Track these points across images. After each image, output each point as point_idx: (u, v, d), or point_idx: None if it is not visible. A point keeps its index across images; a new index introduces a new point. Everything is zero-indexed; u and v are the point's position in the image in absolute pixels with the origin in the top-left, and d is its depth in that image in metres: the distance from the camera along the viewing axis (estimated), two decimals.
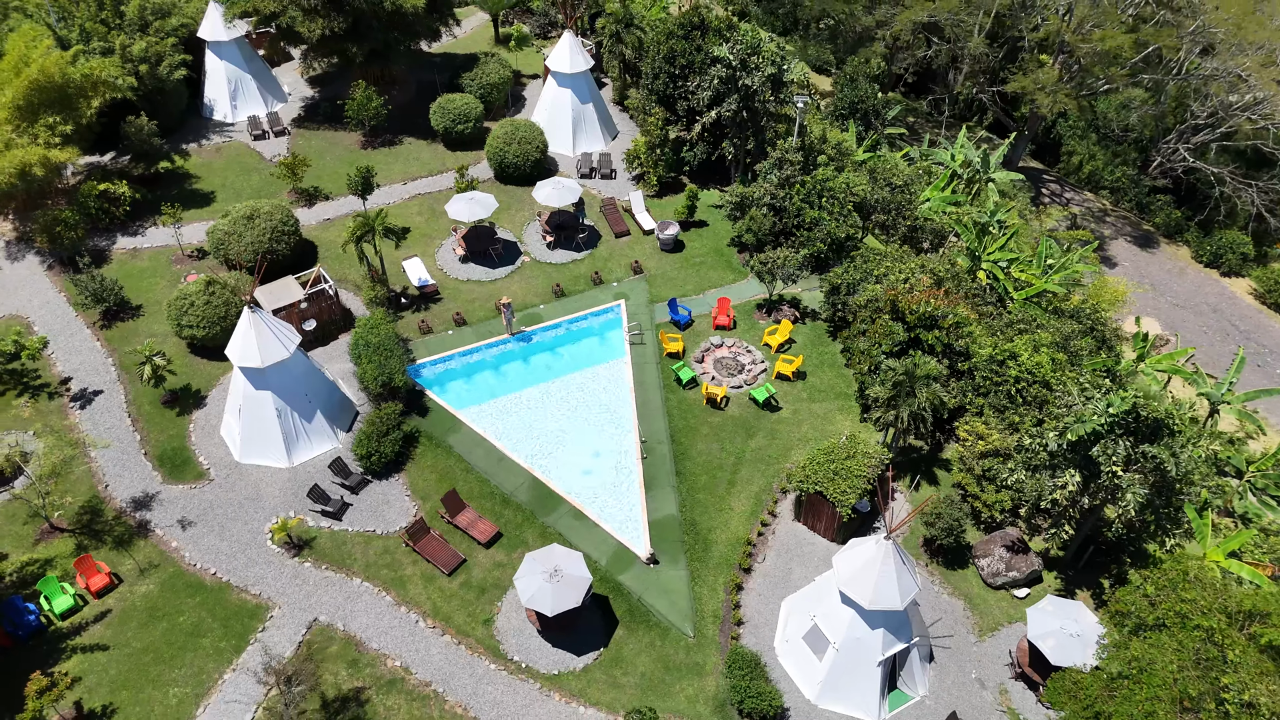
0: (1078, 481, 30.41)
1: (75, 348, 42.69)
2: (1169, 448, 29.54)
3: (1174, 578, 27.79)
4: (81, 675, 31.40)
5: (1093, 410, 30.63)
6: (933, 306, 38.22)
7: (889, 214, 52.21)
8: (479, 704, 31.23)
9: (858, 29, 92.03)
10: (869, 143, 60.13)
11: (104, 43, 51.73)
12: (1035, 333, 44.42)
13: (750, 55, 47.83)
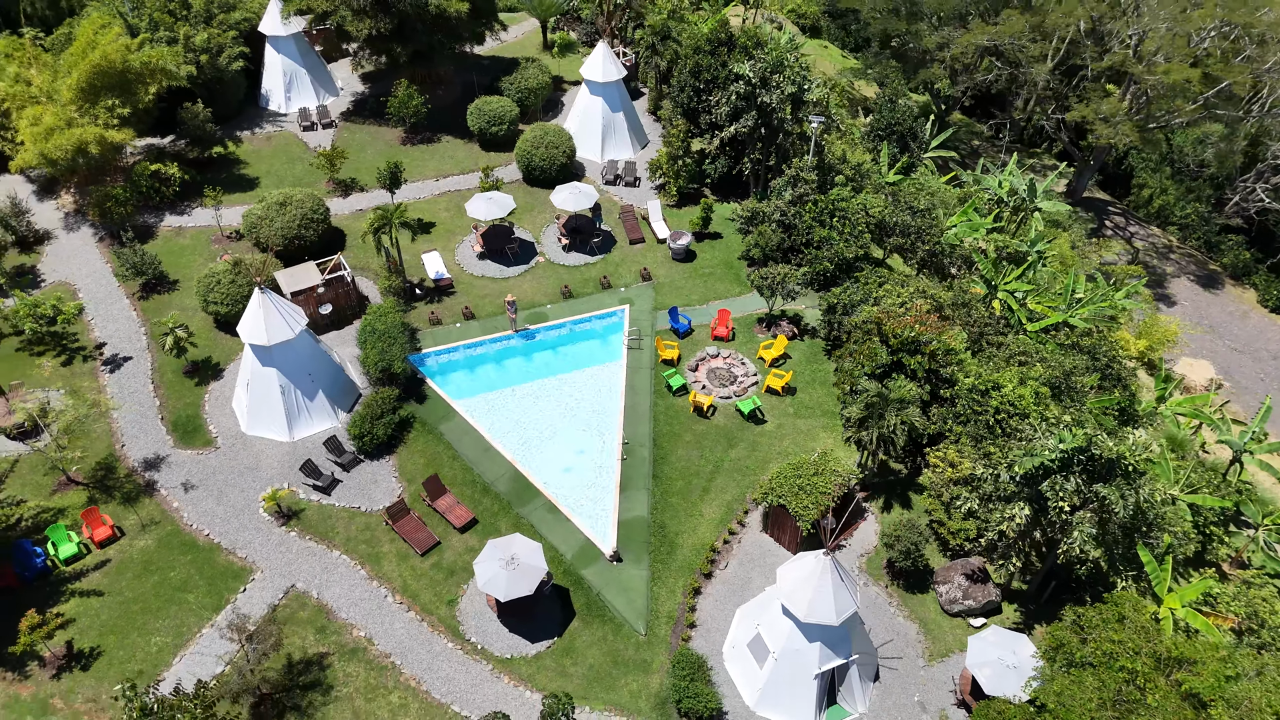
0: (1026, 515, 30.49)
1: (113, 316, 45.85)
2: (1119, 489, 29.42)
3: (1107, 617, 27.78)
4: (76, 618, 34.00)
5: (1043, 445, 30.67)
6: (916, 332, 38.47)
7: (908, 237, 52.32)
8: (432, 679, 32.84)
9: (920, 49, 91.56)
10: (901, 165, 60.12)
11: (169, 32, 55.22)
12: (1034, 365, 44.20)
13: (772, 73, 48.55)
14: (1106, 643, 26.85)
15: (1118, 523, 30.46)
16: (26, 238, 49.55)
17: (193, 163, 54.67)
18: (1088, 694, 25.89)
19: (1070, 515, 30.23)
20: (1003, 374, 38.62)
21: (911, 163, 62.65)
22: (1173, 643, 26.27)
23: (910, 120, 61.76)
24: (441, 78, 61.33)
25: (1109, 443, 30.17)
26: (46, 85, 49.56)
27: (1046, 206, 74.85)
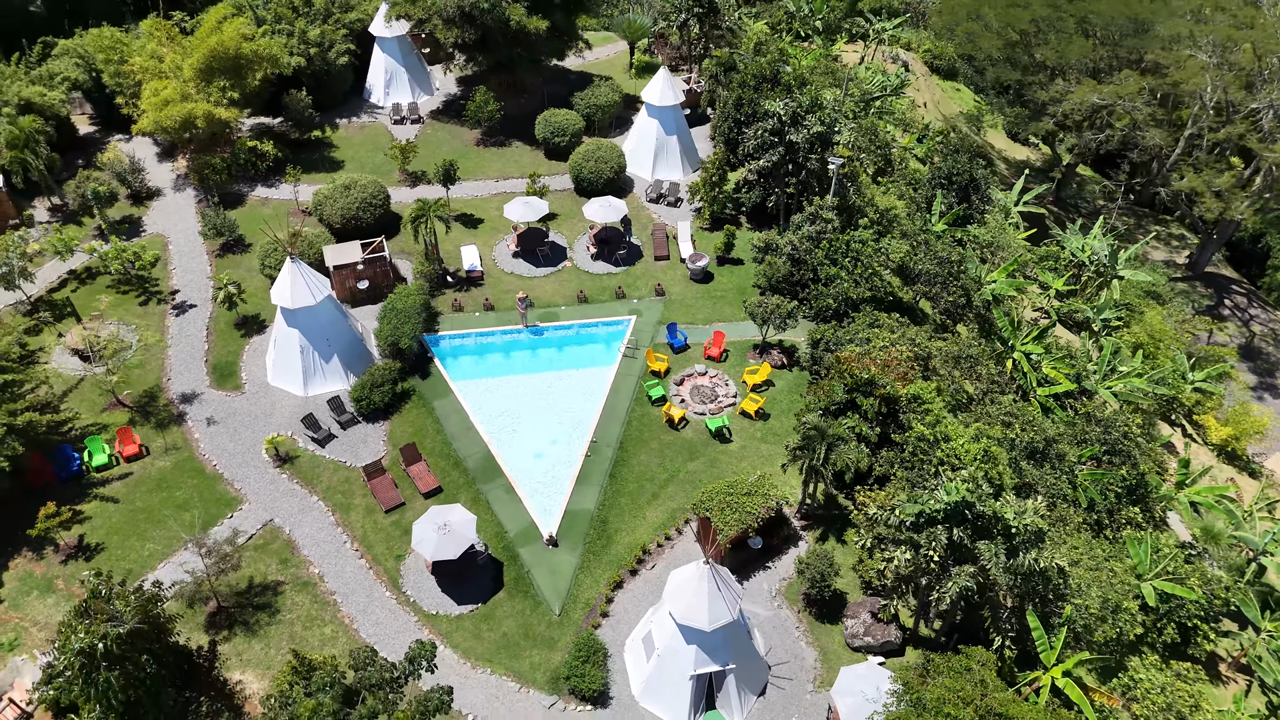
0: (906, 559, 31.44)
1: (191, 269, 52.48)
2: (993, 549, 30.00)
3: (955, 666, 28.63)
4: (92, 516, 39.93)
5: (930, 495, 31.53)
6: (871, 374, 39.57)
7: (932, 285, 52.83)
8: (364, 621, 36.81)
9: (1036, 101, 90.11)
10: (953, 215, 60.18)
11: (289, 26, 62.18)
12: (1013, 427, 44.20)
13: (807, 113, 50.27)
14: (940, 689, 27.78)
15: (1006, 584, 30.89)
16: (139, 192, 57.18)
17: (292, 143, 61.41)
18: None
19: (945, 566, 30.99)
20: (955, 427, 39.16)
21: (969, 214, 62.44)
22: (998, 700, 26.96)
23: (970, 170, 61.59)
24: (524, 87, 65.88)
25: (993, 503, 30.75)
26: (175, 63, 57.04)
27: (1130, 275, 72.64)
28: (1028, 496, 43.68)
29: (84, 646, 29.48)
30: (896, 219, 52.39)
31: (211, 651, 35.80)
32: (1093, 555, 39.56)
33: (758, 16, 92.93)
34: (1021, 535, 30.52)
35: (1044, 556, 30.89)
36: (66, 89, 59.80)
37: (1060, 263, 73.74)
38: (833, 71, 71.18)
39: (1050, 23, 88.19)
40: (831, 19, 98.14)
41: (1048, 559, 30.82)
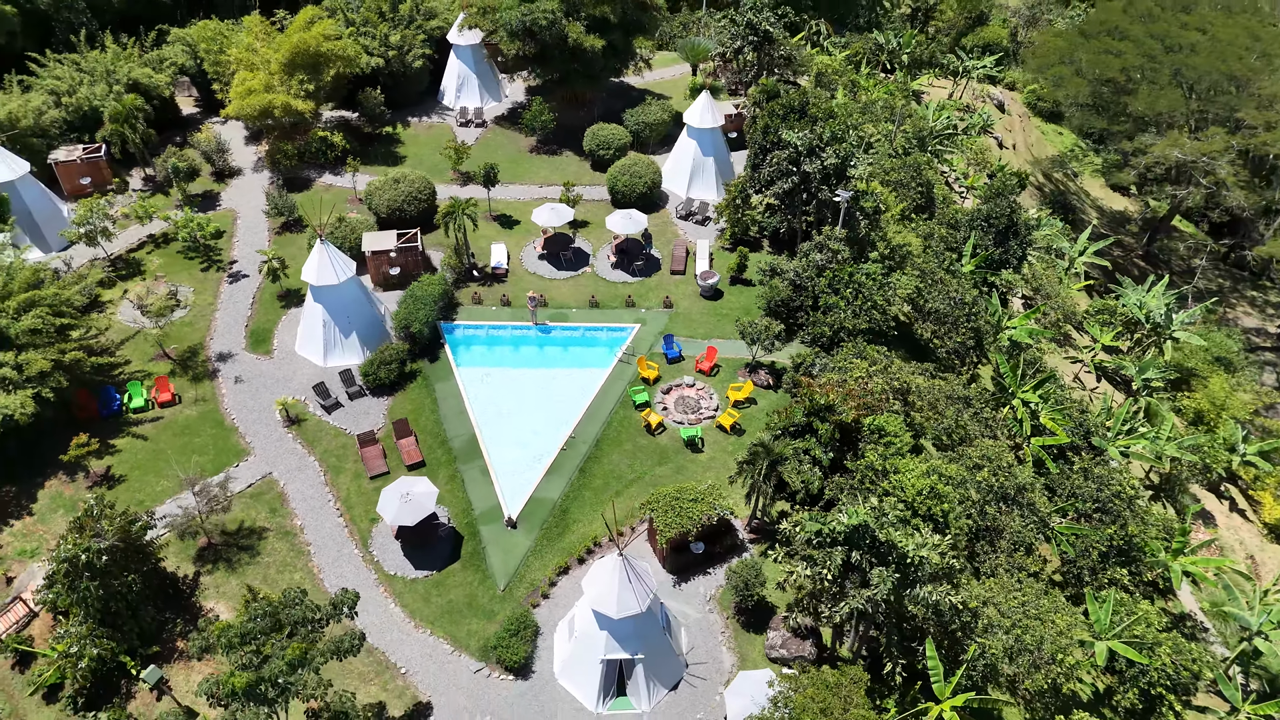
0: (806, 574, 32.78)
1: (251, 243, 57.85)
2: (883, 575, 31.04)
3: (825, 678, 29.97)
4: (121, 450, 45.09)
5: (833, 518, 32.75)
6: (828, 400, 40.82)
7: (941, 324, 53.32)
8: (330, 573, 40.46)
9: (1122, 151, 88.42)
10: (984, 257, 60.20)
11: (373, 30, 67.46)
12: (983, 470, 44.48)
13: (826, 146, 51.64)
14: (804, 698, 29.21)
15: (900, 613, 31.81)
16: (222, 171, 63.25)
17: (364, 136, 66.62)
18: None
19: (843, 586, 32.20)
20: (907, 461, 40.01)
21: (1004, 258, 62.18)
22: (855, 718, 28.21)
23: (1009, 214, 61.37)
24: (584, 100, 69.27)
25: (890, 531, 31.78)
26: (265, 56, 62.88)
27: (1185, 337, 70.59)
28: (990, 540, 44.24)
29: (70, 556, 34.05)
30: (910, 255, 53.01)
31: (195, 581, 40.12)
32: (1037, 605, 39.57)
33: (846, 46, 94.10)
34: (919, 567, 31.44)
35: (939, 591, 31.72)
36: (173, 73, 66.63)
37: (1116, 317, 72.25)
38: (892, 106, 71.85)
39: (1143, 72, 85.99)
40: (919, 54, 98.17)
41: (942, 594, 31.64)
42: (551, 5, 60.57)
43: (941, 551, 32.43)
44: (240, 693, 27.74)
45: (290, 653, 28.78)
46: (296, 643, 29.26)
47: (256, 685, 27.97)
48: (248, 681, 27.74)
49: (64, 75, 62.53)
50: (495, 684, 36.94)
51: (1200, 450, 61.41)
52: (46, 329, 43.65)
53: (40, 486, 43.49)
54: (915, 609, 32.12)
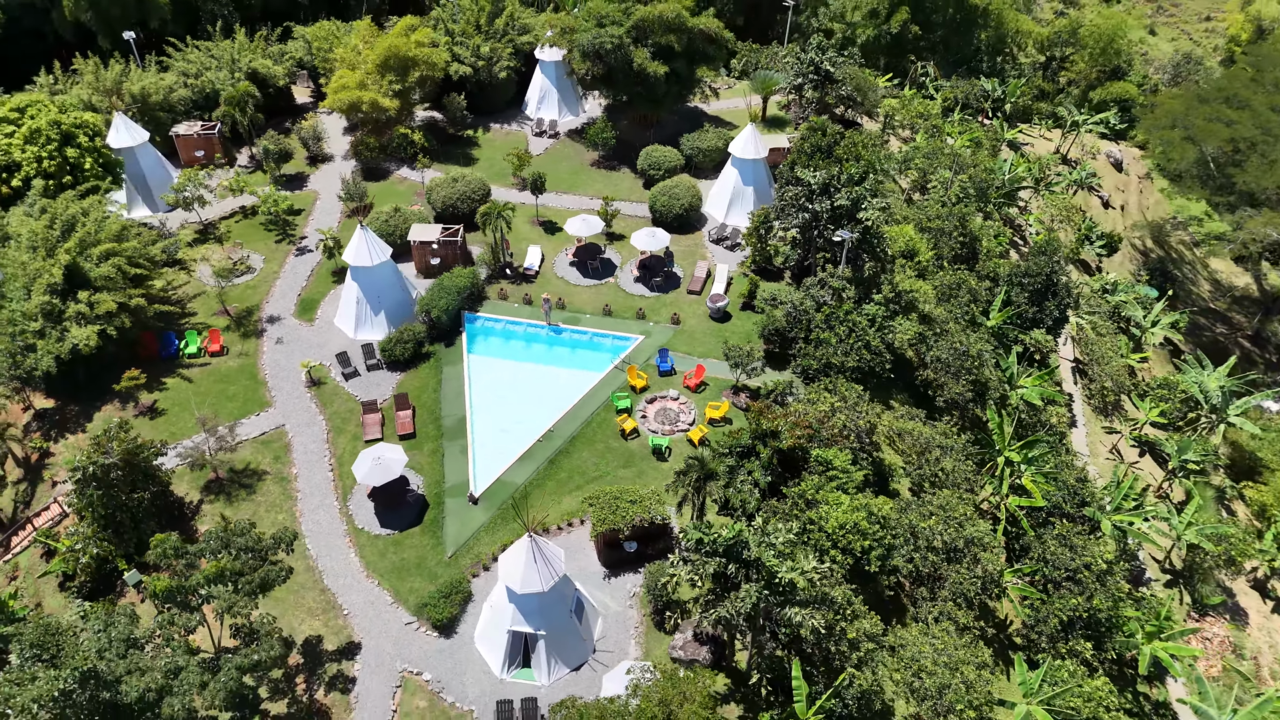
0: (687, 579, 35.01)
1: (323, 223, 64.40)
2: (749, 591, 32.96)
3: (671, 677, 32.31)
4: (169, 388, 51.87)
5: (714, 530, 34.80)
6: (771, 426, 42.70)
7: (941, 373, 53.89)
8: (309, 519, 45.51)
9: None
10: (1007, 314, 59.93)
11: (466, 40, 73.37)
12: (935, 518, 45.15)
13: (841, 187, 53.13)
14: (649, 689, 31.69)
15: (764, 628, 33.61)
16: (315, 156, 70.46)
17: (447, 137, 72.54)
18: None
19: (719, 595, 34.33)
20: (837, 495, 41.46)
21: (1038, 317, 61.54)
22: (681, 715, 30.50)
23: (1049, 273, 60.73)
24: (653, 121, 72.82)
25: (761, 549, 33.63)
26: (365, 57, 69.67)
27: (1241, 423, 67.65)
28: (931, 587, 44.90)
29: (80, 466, 40.32)
30: (915, 302, 53.79)
31: (197, 508, 46.07)
32: (952, 655, 40.13)
33: (953, 89, 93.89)
34: (789, 589, 33.25)
35: (803, 614, 33.42)
36: (291, 65, 74.58)
37: (1176, 393, 69.71)
38: (956, 154, 71.87)
39: (1253, 144, 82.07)
40: (1023, 103, 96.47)
41: (805, 616, 33.31)
42: (619, 31, 64.56)
43: (811, 579, 34.03)
44: (160, 594, 32.75)
45: (210, 569, 33.62)
46: (215, 562, 34.10)
47: (177, 591, 32.91)
48: (167, 586, 32.71)
49: (195, 60, 71.36)
50: (421, 638, 40.89)
51: (1225, 540, 58.83)
52: (119, 276, 50.80)
53: (98, 410, 50.69)
54: (783, 628, 33.89)
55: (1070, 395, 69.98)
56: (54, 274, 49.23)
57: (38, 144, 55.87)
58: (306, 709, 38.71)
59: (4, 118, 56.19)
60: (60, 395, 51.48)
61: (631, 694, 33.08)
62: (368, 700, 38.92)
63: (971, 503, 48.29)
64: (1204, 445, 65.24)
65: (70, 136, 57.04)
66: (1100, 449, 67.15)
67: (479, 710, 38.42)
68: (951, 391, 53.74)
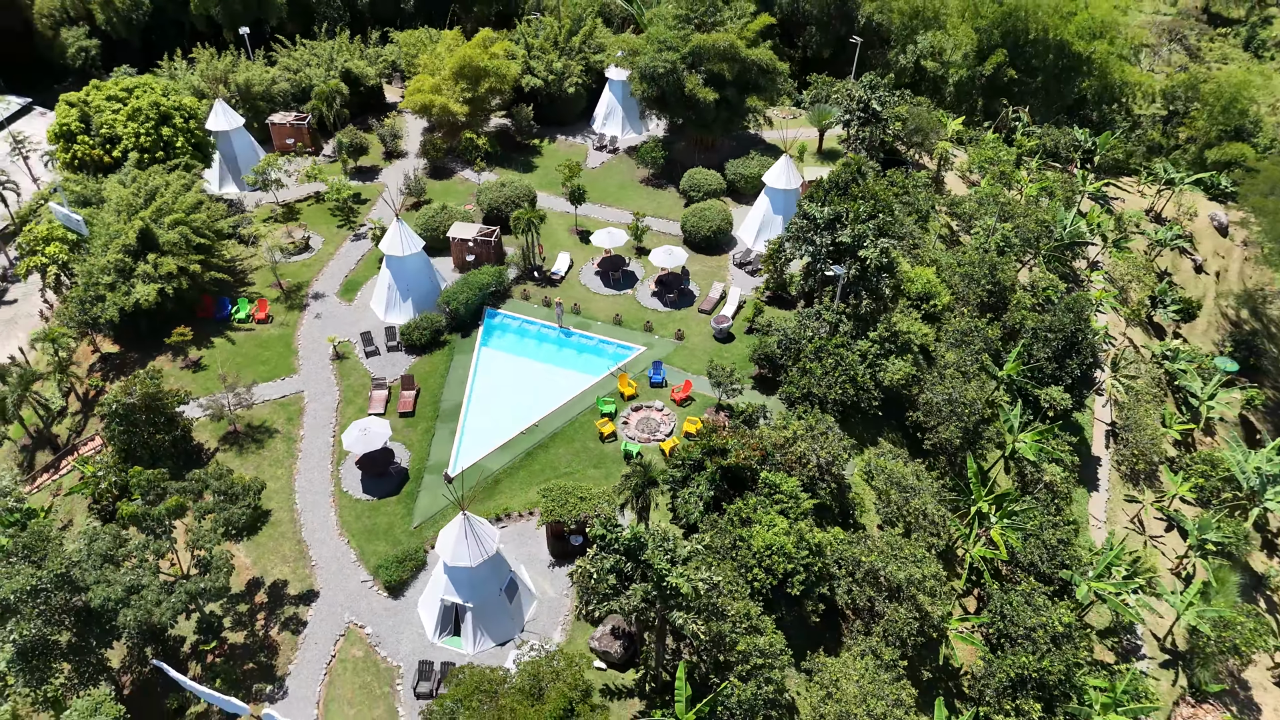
0: (586, 571, 37.44)
1: (385, 214, 69.84)
2: (636, 591, 35.12)
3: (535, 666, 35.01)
4: (214, 347, 57.98)
5: (616, 528, 37.02)
6: (719, 443, 44.50)
7: (931, 416, 54.22)
8: (303, 477, 50.23)
9: None
10: (1015, 367, 59.27)
11: (541, 55, 77.85)
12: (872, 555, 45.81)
13: (847, 224, 54.21)
14: (520, 673, 34.42)
15: None
16: (391, 152, 76.36)
17: (513, 144, 77.18)
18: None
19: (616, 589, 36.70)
20: (771, 516, 42.92)
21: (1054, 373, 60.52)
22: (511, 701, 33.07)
23: (1071, 332, 59.69)
24: (710, 144, 75.25)
25: (651, 552, 35.71)
26: (445, 64, 75.08)
27: (1277, 509, 64.63)
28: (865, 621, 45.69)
29: (107, 403, 46.28)
30: (909, 342, 54.26)
31: (212, 454, 51.61)
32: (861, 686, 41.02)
33: (1042, 136, 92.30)
34: (673, 594, 35.31)
35: (685, 619, 35.37)
36: (384, 67, 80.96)
37: (1218, 471, 66.90)
38: (1004, 201, 71.14)
39: None
40: (1113, 156, 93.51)
41: (688, 620, 35.24)
42: (673, 56, 67.48)
43: (697, 588, 35.89)
44: (126, 518, 37.78)
45: (170, 502, 38.49)
46: (175, 497, 38.95)
47: (142, 518, 37.88)
48: (132, 511, 37.72)
49: (297, 56, 78.55)
50: (372, 596, 44.82)
51: (1231, 627, 56.36)
52: (183, 243, 57.23)
53: (152, 358, 57.22)
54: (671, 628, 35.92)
55: (1098, 459, 68.16)
56: (129, 236, 56.04)
57: (138, 121, 63.35)
58: (260, 642, 43.22)
59: (115, 96, 64.02)
60: (124, 343, 58.39)
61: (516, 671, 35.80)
62: (313, 643, 43.08)
63: (929, 545, 48.66)
64: (1233, 527, 62.45)
65: (167, 117, 64.35)
66: (1120, 517, 65.18)
67: (405, 667, 41.96)
68: (939, 436, 53.94)
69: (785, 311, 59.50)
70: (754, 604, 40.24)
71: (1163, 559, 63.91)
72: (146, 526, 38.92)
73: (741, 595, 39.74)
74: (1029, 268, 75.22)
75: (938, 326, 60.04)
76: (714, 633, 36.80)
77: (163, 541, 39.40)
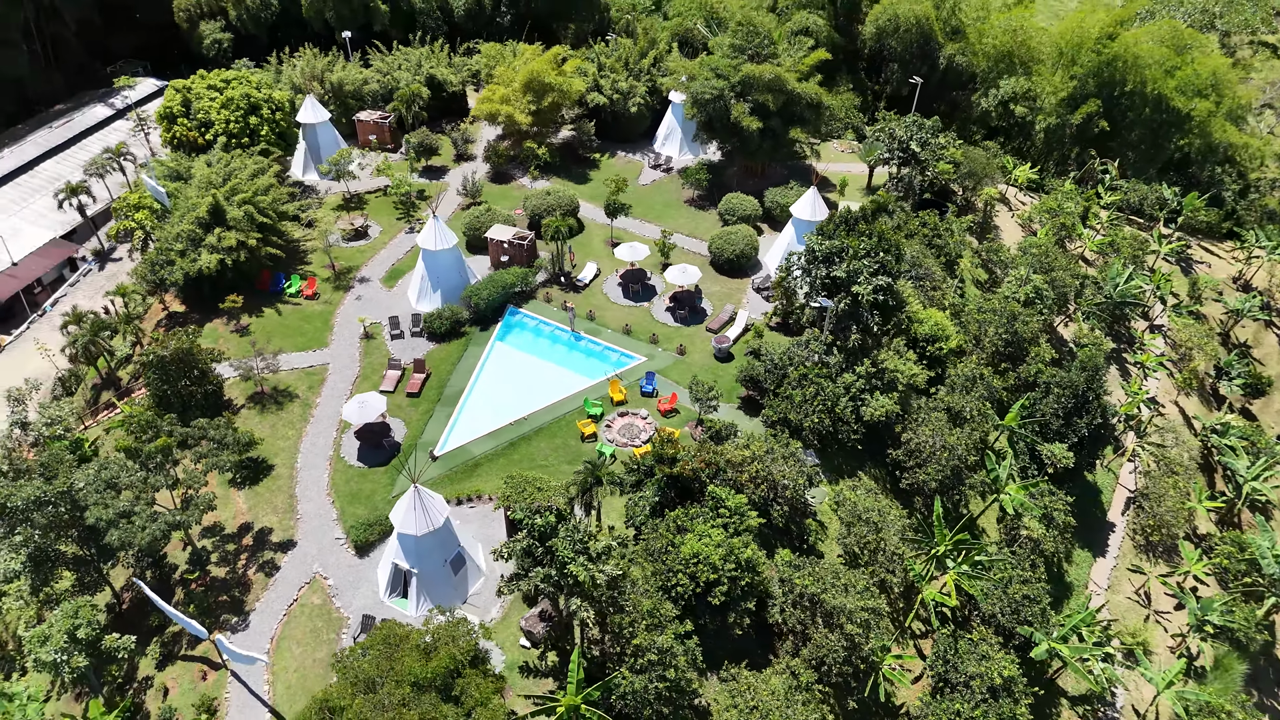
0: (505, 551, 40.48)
1: (442, 212, 75.13)
2: (538, 573, 37.97)
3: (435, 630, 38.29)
4: (263, 315, 64.25)
5: (539, 513, 39.84)
6: (670, 452, 46.73)
7: (913, 456, 54.79)
8: (308, 440, 55.30)
9: None
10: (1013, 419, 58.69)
11: (610, 75, 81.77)
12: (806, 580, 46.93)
13: (853, 260, 55.31)
14: (417, 632, 37.87)
15: None
16: (462, 154, 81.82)
17: (574, 156, 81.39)
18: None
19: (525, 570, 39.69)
20: (705, 528, 44.84)
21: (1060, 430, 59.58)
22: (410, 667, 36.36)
23: (1079, 393, 58.73)
24: (758, 171, 77.24)
25: (560, 542, 38.39)
26: (516, 76, 79.99)
27: None
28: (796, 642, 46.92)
29: (145, 354, 52.62)
30: (895, 380, 54.88)
31: (238, 410, 57.46)
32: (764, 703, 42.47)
33: (1128, 191, 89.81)
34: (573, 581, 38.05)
35: (577, 605, 37.94)
36: (467, 75, 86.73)
37: (1242, 555, 64.09)
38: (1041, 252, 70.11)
39: None
40: (1201, 218, 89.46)
41: (577, 606, 37.80)
42: (721, 84, 70.04)
43: (594, 577, 38.38)
44: (121, 450, 43.38)
45: (160, 442, 43.91)
46: (164, 438, 44.34)
47: (135, 452, 43.46)
48: (126, 445, 43.30)
49: (390, 61, 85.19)
50: (341, 552, 49.26)
51: (1214, 714, 54.25)
52: (246, 220, 63.74)
53: (210, 321, 63.97)
54: None
55: (1113, 524, 66.23)
56: (201, 209, 62.93)
57: (230, 109, 70.74)
58: (237, 579, 48.28)
59: (214, 85, 71.71)
60: (190, 304, 65.43)
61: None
62: (281, 585, 47.80)
63: (881, 580, 49.41)
64: (1245, 614, 59.78)
65: (256, 107, 71.57)
66: (1125, 586, 63.28)
67: (353, 619, 46.09)
68: (915, 477, 54.37)
69: (787, 338, 60.93)
70: (669, 605, 42.27)
71: (1164, 636, 61.66)
72: (140, 461, 44.53)
73: (653, 594, 41.87)
74: (1065, 323, 73.75)
75: (941, 369, 60.21)
76: (614, 625, 39.14)
77: (157, 476, 44.92)
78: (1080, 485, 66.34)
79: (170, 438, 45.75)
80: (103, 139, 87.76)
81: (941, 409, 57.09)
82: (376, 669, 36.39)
